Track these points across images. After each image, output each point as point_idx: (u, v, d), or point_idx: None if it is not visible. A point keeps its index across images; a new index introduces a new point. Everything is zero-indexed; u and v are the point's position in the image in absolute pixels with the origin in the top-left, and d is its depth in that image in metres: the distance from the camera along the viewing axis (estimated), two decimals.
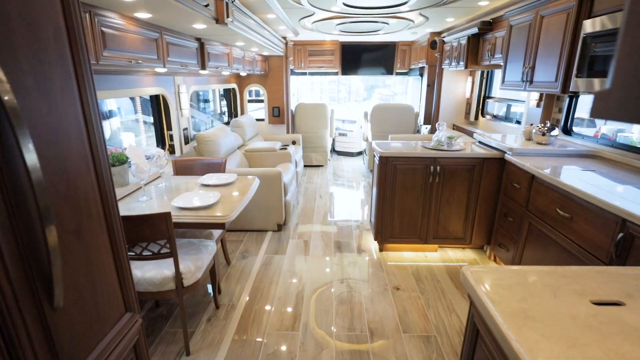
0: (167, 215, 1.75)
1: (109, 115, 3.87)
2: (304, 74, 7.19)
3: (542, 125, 2.98)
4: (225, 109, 5.68)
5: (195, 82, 3.86)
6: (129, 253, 1.88)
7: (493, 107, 4.94)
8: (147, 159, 2.90)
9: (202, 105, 5.59)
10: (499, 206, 2.99)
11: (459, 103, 5.39)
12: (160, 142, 3.38)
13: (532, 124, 3.22)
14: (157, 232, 1.80)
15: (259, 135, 5.61)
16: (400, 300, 2.63)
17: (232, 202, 2.16)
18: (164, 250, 1.88)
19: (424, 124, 5.94)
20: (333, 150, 7.61)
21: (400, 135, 5.39)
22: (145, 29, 2.30)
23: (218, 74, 4.49)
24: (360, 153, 7.50)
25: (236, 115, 5.69)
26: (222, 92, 5.53)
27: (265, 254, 3.33)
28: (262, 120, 5.98)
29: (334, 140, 7.46)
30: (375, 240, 3.31)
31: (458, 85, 5.30)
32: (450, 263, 3.22)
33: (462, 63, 4.15)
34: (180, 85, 3.40)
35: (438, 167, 3.01)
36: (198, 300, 2.63)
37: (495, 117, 4.74)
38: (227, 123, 5.38)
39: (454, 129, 5.41)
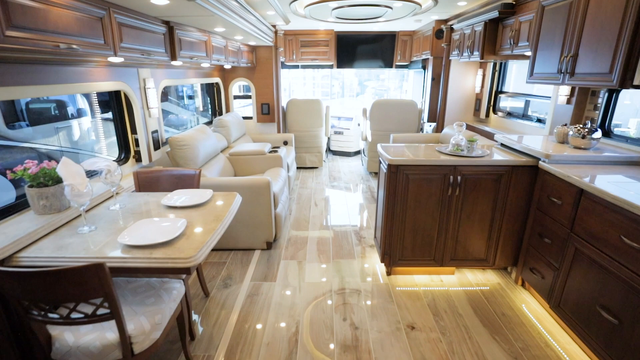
0: (98, 268, 1.21)
1: (78, 114, 3.29)
2: (296, 66, 6.62)
3: (581, 126, 2.49)
4: (205, 106, 5.10)
5: (167, 75, 3.29)
6: (50, 315, 1.36)
7: (507, 103, 4.45)
8: (93, 174, 2.34)
9: (186, 102, 5.01)
10: (531, 223, 2.50)
11: (467, 98, 4.89)
12: (123, 148, 2.81)
13: (565, 125, 2.73)
14: (88, 290, 1.26)
15: (247, 136, 5.05)
16: (417, 345, 2.13)
17: (201, 235, 1.62)
18: (101, 311, 1.34)
19: (428, 121, 5.43)
20: (328, 150, 7.08)
21: (403, 134, 4.88)
22: (84, 2, 1.73)
23: (196, 66, 3.91)
24: (357, 152, 6.98)
25: (220, 113, 5.11)
26: (205, 88, 4.95)
27: (251, 280, 2.79)
28: (250, 118, 5.42)
29: (329, 139, 6.92)
30: (382, 262, 2.80)
31: (467, 78, 4.79)
32: (470, 288, 2.73)
33: (476, 53, 3.64)
34: (146, 79, 2.83)
35: (459, 177, 2.50)
36: (163, 353, 2.09)
37: (510, 114, 4.25)
38: (210, 122, 4.80)
39: None
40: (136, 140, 2.82)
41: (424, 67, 5.73)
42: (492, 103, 4.60)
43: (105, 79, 2.39)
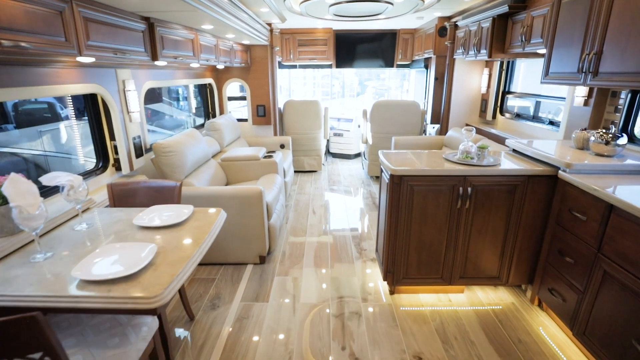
0: (31, 322, 0.97)
1: (61, 117, 3.06)
2: (294, 66, 6.38)
3: (604, 130, 2.24)
4: (198, 108, 4.86)
5: (151, 76, 3.05)
6: None
7: (514, 103, 4.20)
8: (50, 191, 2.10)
9: (181, 103, 4.78)
10: (549, 238, 2.25)
11: (472, 99, 4.64)
12: (101, 156, 2.57)
13: (584, 129, 2.48)
14: (22, 345, 1.02)
15: (242, 139, 4.81)
16: None
17: (172, 266, 1.38)
18: None
19: (431, 123, 5.19)
20: (328, 152, 6.83)
21: (405, 137, 4.63)
22: None
23: (185, 66, 3.67)
24: (358, 155, 6.73)
25: (214, 116, 4.87)
26: (198, 89, 4.71)
27: (242, 301, 2.55)
28: (245, 120, 5.17)
29: (328, 141, 6.68)
30: (384, 280, 2.56)
31: (472, 78, 4.54)
32: (481, 307, 2.49)
33: (483, 52, 3.39)
34: (126, 80, 2.59)
35: (469, 188, 2.26)
36: None
37: (518, 115, 4.00)
38: (202, 125, 4.56)
39: None
40: (115, 147, 2.58)
41: (427, 67, 5.49)
42: (499, 104, 4.35)
43: (77, 81, 2.16)
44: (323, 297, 2.58)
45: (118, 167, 2.63)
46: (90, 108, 2.46)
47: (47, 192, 2.01)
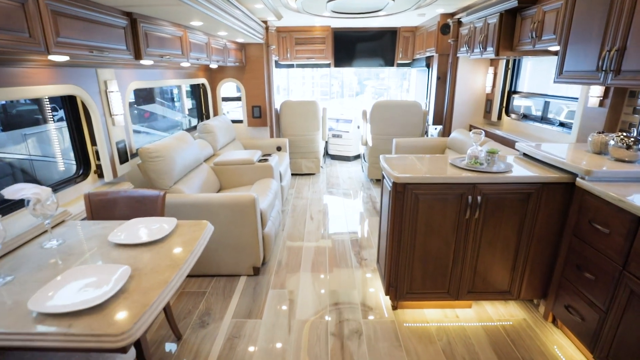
0: None
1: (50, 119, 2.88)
2: (291, 66, 6.20)
3: (624, 134, 2.07)
4: (186, 110, 4.68)
5: (137, 76, 2.87)
6: None
7: (520, 104, 4.03)
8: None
9: (175, 104, 4.61)
10: (565, 251, 2.08)
11: (477, 99, 4.47)
12: (82, 162, 2.39)
13: (602, 132, 2.30)
14: None
15: (237, 142, 4.63)
16: None
17: (146, 294, 1.20)
18: None
19: (434, 124, 5.01)
20: (326, 154, 6.66)
21: (407, 139, 4.46)
22: None
23: (175, 66, 3.49)
24: (357, 157, 6.56)
25: (208, 117, 4.69)
26: (191, 90, 4.53)
27: (233, 317, 2.38)
28: (240, 122, 4.99)
29: (326, 143, 6.50)
30: (386, 294, 2.38)
31: (476, 77, 4.37)
32: (491, 323, 2.32)
33: (490, 49, 3.21)
34: (108, 81, 2.41)
35: (478, 197, 2.08)
36: None
37: (525, 116, 3.83)
38: (195, 128, 4.38)
39: (471, 130, 4.49)
40: (97, 153, 2.40)
41: (428, 65, 5.31)
42: (504, 104, 4.18)
43: (51, 82, 1.98)
44: (321, 313, 2.41)
45: (101, 174, 2.45)
46: (69, 111, 2.28)
47: (13, 205, 1.83)
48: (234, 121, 4.91)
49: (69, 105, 2.27)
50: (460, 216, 2.13)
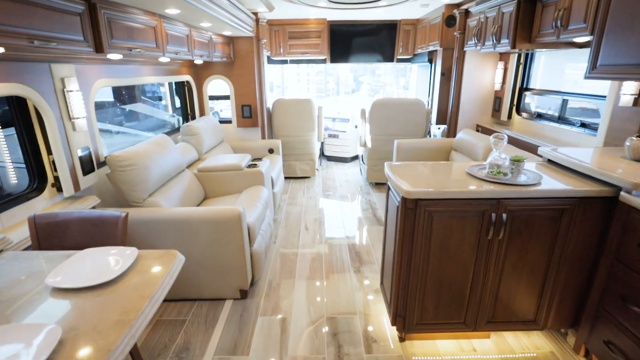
0: None
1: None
2: (285, 62, 5.84)
3: None
4: (170, 109, 4.31)
5: (105, 72, 2.51)
6: None
7: (532, 101, 3.72)
8: None
9: (163, 103, 4.23)
10: (604, 277, 1.77)
11: (484, 97, 4.15)
12: (35, 175, 2.04)
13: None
14: None
15: (225, 144, 4.28)
16: None
17: None
18: None
19: (437, 123, 4.69)
20: (322, 155, 6.32)
21: (409, 140, 4.14)
22: None
23: (153, 61, 3.12)
24: (355, 158, 6.23)
25: (194, 117, 4.33)
26: (175, 88, 4.16)
27: (215, 353, 2.04)
28: (229, 122, 4.63)
29: (322, 143, 6.16)
30: (393, 325, 2.06)
31: (484, 73, 4.05)
32: (513, 355, 2.01)
33: (505, 41, 2.88)
34: (66, 78, 2.05)
35: (504, 215, 1.75)
36: None
37: (540, 116, 3.51)
38: (178, 129, 4.01)
39: (478, 130, 4.18)
40: (54, 164, 2.05)
41: (431, 61, 4.97)
42: (515, 102, 3.86)
43: None
44: (318, 348, 2.08)
45: (60, 188, 2.10)
46: (17, 114, 1.92)
47: None
48: (222, 121, 4.56)
49: (17, 108, 1.91)
50: (482, 237, 1.80)
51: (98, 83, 2.42)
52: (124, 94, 3.63)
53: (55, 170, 2.06)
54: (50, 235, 1.60)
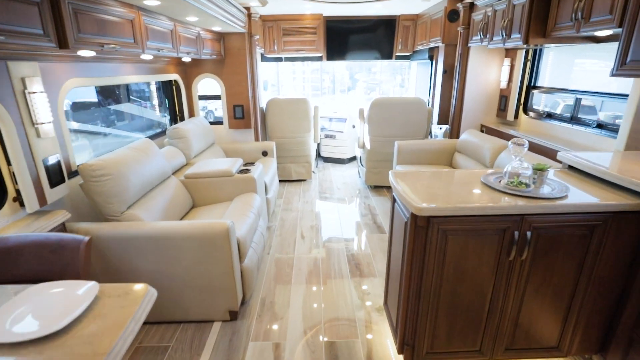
0: None
1: None
2: (279, 59, 5.60)
3: None
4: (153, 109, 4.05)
5: (77, 71, 2.26)
6: None
7: (540, 100, 3.51)
8: None
9: (153, 104, 3.97)
10: (638, 297, 1.56)
11: (489, 95, 3.93)
12: None
13: None
14: None
15: (216, 147, 4.03)
16: None
17: None
18: None
19: (439, 123, 4.48)
20: (318, 156, 6.09)
21: (410, 142, 3.92)
22: None
23: (134, 59, 2.87)
24: (352, 159, 6.00)
25: (182, 119, 4.08)
26: (162, 88, 3.90)
27: None
28: (220, 123, 4.38)
29: (318, 145, 5.92)
30: (400, 353, 1.84)
31: (489, 70, 3.83)
32: None
33: (516, 36, 2.67)
34: (27, 78, 1.80)
35: (528, 233, 1.54)
36: None
37: (550, 115, 3.30)
38: (164, 132, 3.76)
39: (482, 130, 3.97)
40: (14, 175, 1.80)
41: (432, 58, 4.76)
42: (522, 101, 3.65)
43: None
44: None
45: (22, 204, 1.85)
46: None
47: None
48: (213, 123, 4.31)
49: None
50: (502, 257, 1.59)
51: (69, 83, 2.17)
52: (111, 94, 3.38)
53: (17, 182, 1.81)
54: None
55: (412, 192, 1.62)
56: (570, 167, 2.00)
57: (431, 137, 4.72)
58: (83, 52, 1.99)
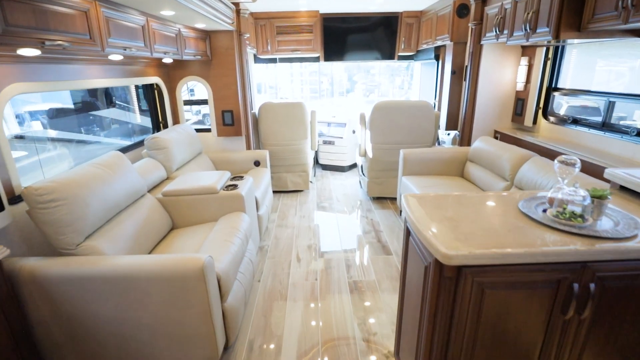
0: None
1: None
2: (274, 60, 5.23)
3: None
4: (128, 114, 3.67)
5: (23, 75, 1.87)
6: None
7: (562, 104, 3.15)
8: None
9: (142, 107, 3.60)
10: None
11: (504, 98, 3.57)
12: None
13: None
14: None
15: (203, 157, 3.65)
16: None
17: None
18: None
19: (447, 129, 4.11)
20: (316, 164, 5.71)
21: (417, 150, 3.55)
22: None
23: (102, 60, 2.50)
24: (352, 166, 5.63)
25: (166, 126, 3.70)
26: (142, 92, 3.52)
27: None
28: (208, 131, 4.01)
29: (316, 152, 5.55)
30: None
31: (504, 71, 3.47)
32: None
33: (544, 30, 2.30)
34: None
35: (591, 284, 1.16)
36: None
37: (575, 121, 2.94)
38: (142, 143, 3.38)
39: (496, 137, 3.60)
40: None
41: (437, 57, 4.40)
42: (541, 105, 3.29)
43: None
44: None
45: None
46: None
47: None
48: (199, 130, 3.93)
49: None
50: (555, 316, 1.21)
51: (9, 90, 1.78)
52: (87, 99, 3.01)
53: None
54: None
55: (436, 231, 1.24)
56: (622, 188, 1.63)
57: (438, 144, 4.35)
58: (22, 51, 1.61)
